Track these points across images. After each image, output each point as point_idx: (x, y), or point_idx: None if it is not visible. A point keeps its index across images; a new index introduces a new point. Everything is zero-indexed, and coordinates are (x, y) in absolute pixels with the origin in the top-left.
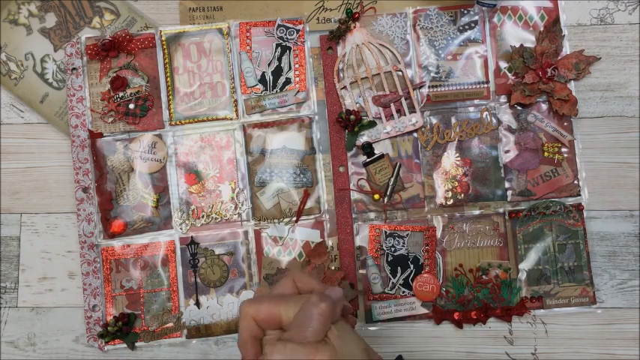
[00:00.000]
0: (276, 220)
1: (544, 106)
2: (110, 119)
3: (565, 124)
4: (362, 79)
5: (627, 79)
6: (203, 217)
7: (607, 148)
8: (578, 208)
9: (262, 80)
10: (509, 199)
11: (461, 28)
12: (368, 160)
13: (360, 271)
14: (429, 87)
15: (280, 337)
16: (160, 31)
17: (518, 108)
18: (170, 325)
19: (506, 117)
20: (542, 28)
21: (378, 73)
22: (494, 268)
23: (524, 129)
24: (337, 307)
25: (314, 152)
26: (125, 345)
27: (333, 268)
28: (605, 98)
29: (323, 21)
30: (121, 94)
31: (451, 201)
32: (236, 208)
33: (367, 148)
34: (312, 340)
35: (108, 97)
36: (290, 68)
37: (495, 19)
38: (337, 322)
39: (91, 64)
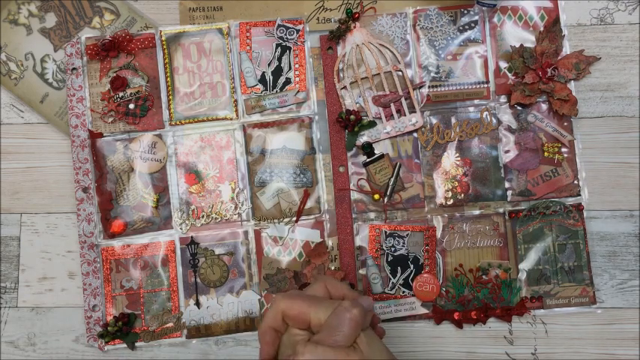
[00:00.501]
0: (276, 220)
1: (544, 106)
2: (110, 119)
3: (565, 124)
4: (362, 79)
5: (627, 79)
6: (203, 217)
7: (607, 148)
8: (578, 208)
9: (262, 80)
10: (509, 199)
11: (461, 28)
12: (368, 160)
13: (360, 271)
14: (429, 87)
15: (311, 339)
16: (160, 31)
17: (518, 108)
18: (170, 325)
19: (506, 117)
20: (542, 28)
21: (378, 73)
22: (494, 268)
23: (524, 129)
24: (367, 316)
25: (314, 152)
26: (125, 345)
27: (333, 268)
28: (605, 98)
29: (323, 21)
30: (121, 94)
31: (451, 201)
32: (236, 208)
33: (367, 148)
34: (342, 344)
35: (108, 97)
36: (290, 68)
37: (495, 19)
38: (366, 330)
39: (91, 64)
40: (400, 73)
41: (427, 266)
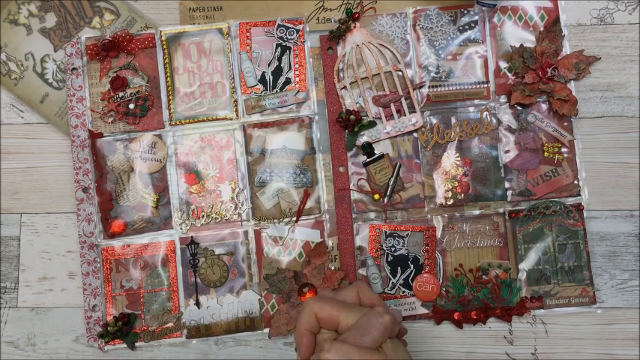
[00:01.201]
0: (276, 220)
1: (544, 106)
2: (110, 119)
3: (565, 124)
4: (362, 79)
5: (627, 79)
6: (203, 217)
7: (607, 148)
8: (578, 208)
9: (262, 80)
10: (509, 199)
11: (461, 28)
12: (368, 160)
13: (360, 271)
14: (429, 87)
15: (337, 337)
16: (160, 31)
17: (518, 108)
18: (170, 325)
19: (506, 117)
20: (542, 28)
21: (378, 73)
22: (494, 268)
23: (524, 129)
24: (395, 327)
25: (314, 152)
26: (125, 345)
27: (333, 268)
28: (605, 98)
29: (323, 21)
30: (121, 94)
31: (451, 201)
32: (236, 208)
33: (367, 148)
34: (369, 345)
35: (108, 97)
36: (290, 68)
37: (495, 19)
38: (393, 338)
39: (91, 64)
40: (400, 73)
41: (427, 266)
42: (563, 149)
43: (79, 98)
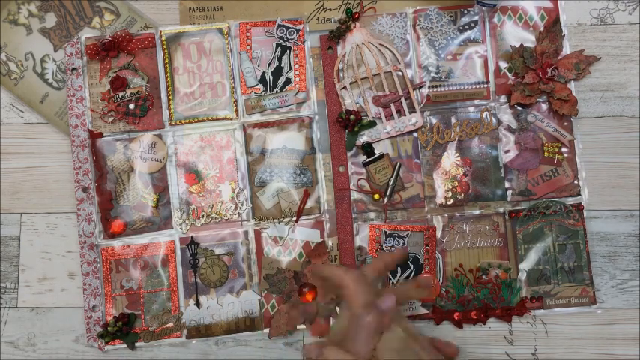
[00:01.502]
0: (276, 220)
1: (544, 106)
2: (110, 119)
3: (565, 124)
4: (362, 79)
5: (627, 79)
6: (203, 217)
7: (607, 148)
8: (578, 208)
9: (262, 80)
10: (509, 199)
11: (461, 28)
12: (368, 160)
13: None
14: (429, 87)
15: (341, 345)
16: (160, 31)
17: (518, 108)
18: (170, 325)
19: (506, 117)
20: (542, 28)
21: (378, 73)
22: (494, 268)
23: (524, 129)
24: (385, 317)
25: (314, 152)
26: (125, 345)
27: None
28: (605, 98)
29: (323, 21)
30: (121, 94)
31: (451, 201)
32: (236, 208)
33: (367, 148)
34: (363, 350)
35: (108, 97)
36: (290, 68)
37: (495, 19)
38: (390, 330)
39: (91, 64)
40: (400, 73)
41: (427, 266)
42: (563, 149)
43: (79, 98)
